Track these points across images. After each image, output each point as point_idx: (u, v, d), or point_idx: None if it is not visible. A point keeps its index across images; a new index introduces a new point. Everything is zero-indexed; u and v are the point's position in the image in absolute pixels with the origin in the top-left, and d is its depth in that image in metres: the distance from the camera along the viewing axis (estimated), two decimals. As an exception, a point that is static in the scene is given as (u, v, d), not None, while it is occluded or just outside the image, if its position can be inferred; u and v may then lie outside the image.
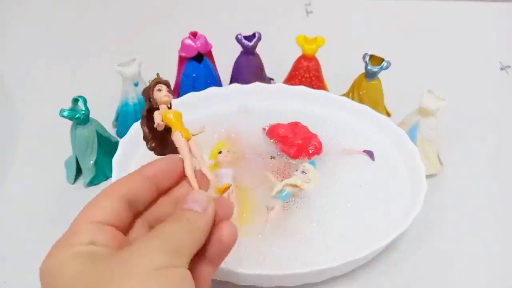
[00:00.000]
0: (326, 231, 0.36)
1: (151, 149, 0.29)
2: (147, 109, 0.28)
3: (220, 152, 0.40)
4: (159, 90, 0.29)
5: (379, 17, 0.73)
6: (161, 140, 0.29)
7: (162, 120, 0.28)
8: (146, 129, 0.28)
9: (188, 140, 0.27)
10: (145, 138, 0.29)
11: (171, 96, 0.29)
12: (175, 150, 0.28)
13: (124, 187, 0.24)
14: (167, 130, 0.28)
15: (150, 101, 0.28)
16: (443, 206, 0.42)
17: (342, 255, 0.32)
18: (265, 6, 0.74)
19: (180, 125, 0.28)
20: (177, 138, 0.27)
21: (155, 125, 0.28)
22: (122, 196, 0.24)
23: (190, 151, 0.27)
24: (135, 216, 0.25)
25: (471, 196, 0.43)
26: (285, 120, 0.45)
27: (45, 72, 0.60)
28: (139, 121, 0.29)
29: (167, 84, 0.29)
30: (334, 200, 0.38)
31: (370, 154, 0.42)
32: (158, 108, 0.28)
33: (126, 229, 0.24)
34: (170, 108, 0.29)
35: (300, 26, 0.70)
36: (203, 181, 0.26)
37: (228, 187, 0.27)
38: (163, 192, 0.26)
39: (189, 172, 0.26)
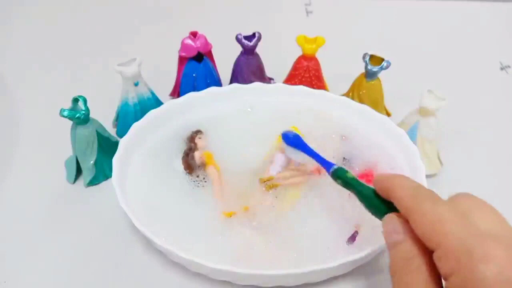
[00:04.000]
0: (326, 231, 0.36)
1: (187, 173, 0.41)
2: (188, 149, 0.42)
3: None
4: (200, 138, 0.43)
5: (379, 17, 0.73)
6: (191, 168, 0.41)
7: (200, 157, 0.41)
8: (186, 163, 0.41)
9: (217, 170, 0.40)
10: (185, 168, 0.41)
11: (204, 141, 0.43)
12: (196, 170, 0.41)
13: None
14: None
15: (192, 144, 0.43)
16: (443, 206, 0.42)
17: (342, 255, 0.32)
18: (265, 6, 0.74)
19: (212, 162, 0.41)
20: (212, 171, 0.40)
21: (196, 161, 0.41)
22: None
23: (218, 177, 0.40)
24: None
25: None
26: (285, 120, 0.45)
27: (45, 72, 0.60)
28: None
29: (201, 132, 0.44)
30: (334, 200, 0.38)
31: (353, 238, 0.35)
32: (195, 149, 0.42)
33: None
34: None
35: (300, 26, 0.70)
36: None
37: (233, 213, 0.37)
38: None
39: (219, 194, 0.38)
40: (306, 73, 0.50)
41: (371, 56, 0.46)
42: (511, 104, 0.55)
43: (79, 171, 0.43)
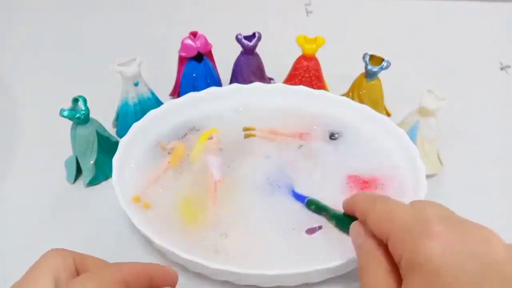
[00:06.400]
0: (326, 231, 0.36)
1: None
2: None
3: (210, 138, 0.42)
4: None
5: (379, 17, 0.73)
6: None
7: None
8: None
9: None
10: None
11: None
12: None
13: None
14: None
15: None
16: (443, 206, 0.42)
17: (342, 255, 0.32)
18: (265, 6, 0.74)
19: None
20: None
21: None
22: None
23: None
24: None
25: (471, 196, 0.43)
26: (284, 120, 0.45)
27: (45, 72, 0.60)
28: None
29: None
30: (334, 200, 0.38)
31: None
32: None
33: None
34: None
35: (300, 26, 0.70)
36: (171, 278, 0.28)
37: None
38: None
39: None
40: (306, 73, 0.50)
41: (371, 56, 0.46)
42: (511, 104, 0.55)
43: (79, 171, 0.43)
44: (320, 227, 0.36)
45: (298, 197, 0.38)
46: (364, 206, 0.28)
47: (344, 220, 0.31)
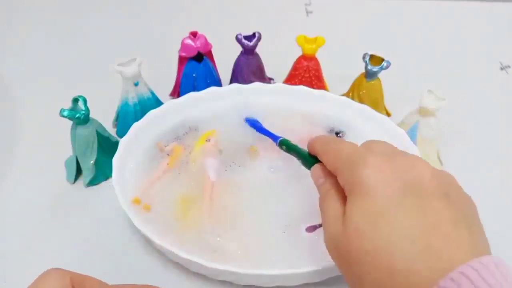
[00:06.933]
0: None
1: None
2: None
3: (208, 140, 0.42)
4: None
5: (379, 17, 0.73)
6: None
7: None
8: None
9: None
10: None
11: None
12: None
13: None
14: None
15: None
16: (443, 206, 0.42)
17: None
18: (265, 6, 0.74)
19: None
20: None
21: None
22: None
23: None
24: None
25: (471, 196, 0.43)
26: (284, 120, 0.45)
27: (45, 72, 0.60)
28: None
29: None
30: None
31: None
32: None
33: None
34: None
35: (300, 26, 0.70)
36: None
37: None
38: None
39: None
40: (306, 73, 0.50)
41: (371, 56, 0.46)
42: (511, 104, 0.55)
43: (79, 171, 0.43)
44: (320, 225, 0.36)
45: (253, 124, 0.43)
46: (319, 148, 0.31)
47: (308, 159, 0.34)
